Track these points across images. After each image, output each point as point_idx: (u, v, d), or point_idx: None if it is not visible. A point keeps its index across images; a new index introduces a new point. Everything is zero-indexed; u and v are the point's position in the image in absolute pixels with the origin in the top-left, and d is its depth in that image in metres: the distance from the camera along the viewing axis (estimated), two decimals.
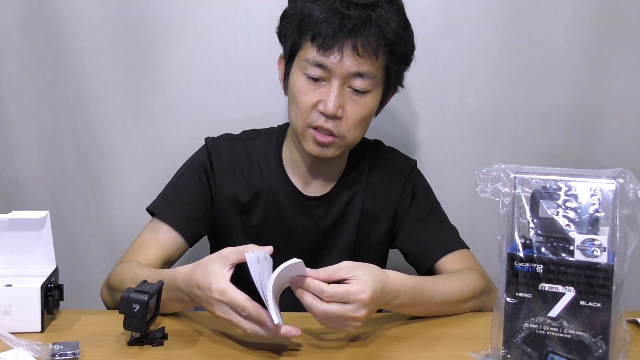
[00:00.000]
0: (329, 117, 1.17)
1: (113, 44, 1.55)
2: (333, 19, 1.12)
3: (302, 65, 1.18)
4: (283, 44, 1.24)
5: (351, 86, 1.17)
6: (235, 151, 1.32)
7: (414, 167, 1.38)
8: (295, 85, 1.20)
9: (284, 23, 1.22)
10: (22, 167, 1.62)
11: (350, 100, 1.18)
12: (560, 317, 0.83)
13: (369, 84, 1.18)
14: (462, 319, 1.15)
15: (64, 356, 0.93)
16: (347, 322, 0.96)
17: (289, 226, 1.31)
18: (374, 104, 1.21)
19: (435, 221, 1.33)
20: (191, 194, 1.29)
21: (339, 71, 1.15)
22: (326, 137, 1.19)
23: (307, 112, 1.18)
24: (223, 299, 0.93)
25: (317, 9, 1.14)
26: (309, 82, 1.18)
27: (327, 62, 1.15)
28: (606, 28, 1.53)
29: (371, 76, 1.17)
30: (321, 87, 1.17)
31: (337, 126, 1.18)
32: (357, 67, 1.15)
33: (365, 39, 1.13)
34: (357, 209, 1.32)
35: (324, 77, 1.17)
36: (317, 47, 1.14)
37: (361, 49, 1.13)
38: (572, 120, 1.59)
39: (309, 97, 1.18)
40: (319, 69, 1.16)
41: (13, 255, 1.08)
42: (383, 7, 1.14)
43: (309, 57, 1.16)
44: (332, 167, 1.31)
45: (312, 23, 1.14)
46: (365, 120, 1.22)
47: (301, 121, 1.20)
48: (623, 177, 0.82)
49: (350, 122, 1.19)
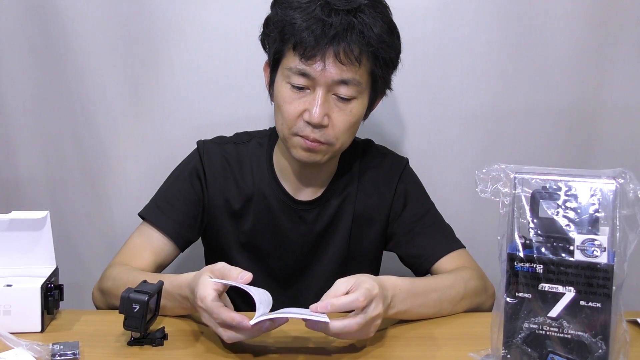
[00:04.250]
0: (315, 126, 1.15)
1: (113, 44, 1.55)
2: (314, 27, 1.11)
3: (285, 74, 1.17)
4: (267, 51, 1.23)
5: (336, 94, 1.16)
6: (227, 155, 1.31)
7: (405, 166, 1.37)
8: (279, 94, 1.18)
9: (266, 31, 1.21)
10: (22, 167, 1.62)
11: (335, 108, 1.17)
12: (560, 317, 0.83)
13: (354, 90, 1.16)
14: (462, 319, 1.15)
15: (64, 356, 0.93)
16: (371, 325, 0.97)
17: (280, 231, 1.31)
18: (361, 110, 1.20)
19: (430, 223, 1.32)
20: (183, 200, 1.28)
21: (323, 79, 1.14)
22: (313, 143, 1.17)
23: (293, 121, 1.17)
24: (202, 305, 0.95)
25: (298, 17, 1.13)
26: (293, 91, 1.16)
27: (310, 71, 1.13)
28: (606, 28, 1.53)
29: (355, 83, 1.15)
30: (306, 96, 1.16)
31: (323, 135, 1.17)
32: (341, 74, 1.13)
33: (347, 46, 1.11)
34: (349, 212, 1.31)
35: (308, 86, 1.16)
36: (300, 56, 1.13)
37: (343, 57, 1.12)
38: (572, 120, 1.59)
39: (294, 106, 1.16)
40: (303, 78, 1.15)
41: (13, 255, 1.08)
42: (365, 11, 1.13)
43: (292, 66, 1.15)
44: (322, 172, 1.30)
45: (294, 31, 1.13)
46: (353, 127, 1.21)
47: (287, 130, 1.19)
48: (623, 177, 0.82)
49: (337, 130, 1.18)
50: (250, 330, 0.93)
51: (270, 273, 1.32)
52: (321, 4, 1.12)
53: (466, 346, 0.98)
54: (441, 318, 1.14)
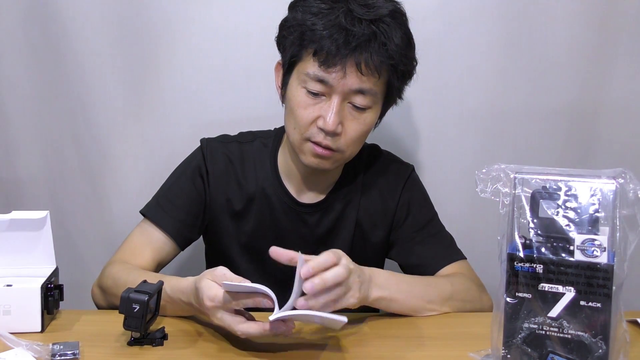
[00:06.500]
0: (328, 133, 1.15)
1: (113, 44, 1.55)
2: (337, 36, 1.10)
3: (301, 79, 1.16)
4: (282, 53, 1.22)
5: (352, 102, 1.15)
6: (230, 154, 1.31)
7: (411, 173, 1.36)
8: (294, 98, 1.17)
9: (284, 33, 1.19)
10: (22, 167, 1.63)
11: (349, 117, 1.16)
12: (560, 317, 0.83)
13: (370, 100, 1.16)
14: (462, 319, 1.15)
15: (64, 356, 0.93)
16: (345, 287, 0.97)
17: (282, 233, 1.30)
18: (374, 120, 1.20)
19: (432, 233, 1.32)
20: (185, 199, 1.28)
21: (340, 87, 1.13)
22: (324, 150, 1.17)
23: (306, 126, 1.17)
24: (214, 304, 0.95)
25: (320, 23, 1.11)
26: (308, 97, 1.16)
27: (328, 78, 1.12)
28: (606, 28, 1.53)
29: (372, 93, 1.15)
30: (321, 102, 1.15)
31: (335, 142, 1.17)
32: (360, 84, 1.13)
33: (369, 56, 1.10)
34: (352, 217, 1.31)
35: (324, 92, 1.15)
36: (319, 63, 1.12)
37: (364, 67, 1.11)
38: (572, 120, 1.59)
39: (309, 112, 1.16)
40: (320, 84, 1.14)
41: (13, 255, 1.08)
42: (386, 21, 1.12)
43: (309, 71, 1.14)
44: (327, 177, 1.29)
45: (315, 37, 1.11)
46: (364, 136, 1.21)
47: (299, 135, 1.18)
48: (623, 177, 0.82)
49: (349, 138, 1.17)
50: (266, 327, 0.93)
51: (270, 274, 1.31)
52: (344, 12, 1.11)
53: (466, 346, 0.98)
54: (441, 318, 1.14)
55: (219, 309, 0.95)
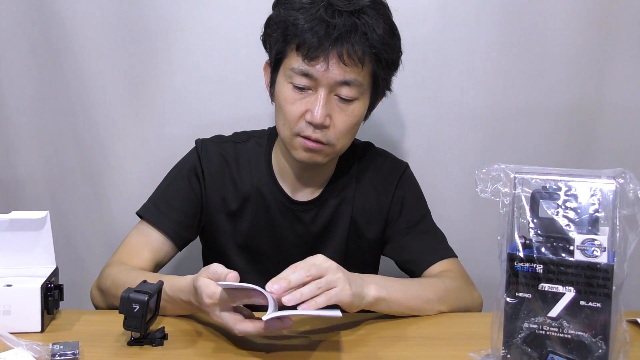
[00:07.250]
0: (316, 126, 1.16)
1: (113, 44, 1.55)
2: (318, 28, 1.11)
3: (287, 74, 1.17)
4: (268, 51, 1.23)
5: (338, 94, 1.16)
6: (225, 154, 1.31)
7: (405, 170, 1.36)
8: (281, 94, 1.19)
9: (268, 31, 1.21)
10: (22, 167, 1.63)
11: (337, 109, 1.17)
12: (560, 317, 0.83)
13: (356, 91, 1.17)
14: (462, 319, 1.15)
15: (64, 356, 0.93)
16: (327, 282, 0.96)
17: (278, 231, 1.31)
18: (362, 111, 1.21)
19: (424, 229, 1.33)
20: (181, 199, 1.29)
21: (325, 80, 1.14)
22: (315, 143, 1.18)
23: (295, 121, 1.17)
24: (213, 301, 0.95)
25: (302, 18, 1.13)
26: (295, 91, 1.17)
27: (312, 72, 1.14)
28: (606, 28, 1.53)
29: (357, 84, 1.16)
30: (308, 96, 1.17)
31: (325, 135, 1.17)
32: (343, 75, 1.14)
33: (350, 47, 1.12)
34: (347, 214, 1.31)
35: (310, 86, 1.16)
36: (303, 57, 1.13)
37: (347, 58, 1.12)
38: (572, 120, 1.59)
39: (296, 106, 1.17)
40: (305, 78, 1.15)
41: (13, 255, 1.08)
42: (368, 13, 1.13)
43: (294, 66, 1.15)
44: (321, 173, 1.30)
45: (297, 32, 1.13)
46: (354, 128, 1.21)
47: (289, 130, 1.19)
48: (623, 177, 0.82)
49: (338, 130, 1.18)
50: (263, 326, 0.93)
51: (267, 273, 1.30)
52: (324, 5, 1.12)
53: (466, 346, 0.98)
54: (441, 318, 1.14)
55: (218, 306, 0.96)
